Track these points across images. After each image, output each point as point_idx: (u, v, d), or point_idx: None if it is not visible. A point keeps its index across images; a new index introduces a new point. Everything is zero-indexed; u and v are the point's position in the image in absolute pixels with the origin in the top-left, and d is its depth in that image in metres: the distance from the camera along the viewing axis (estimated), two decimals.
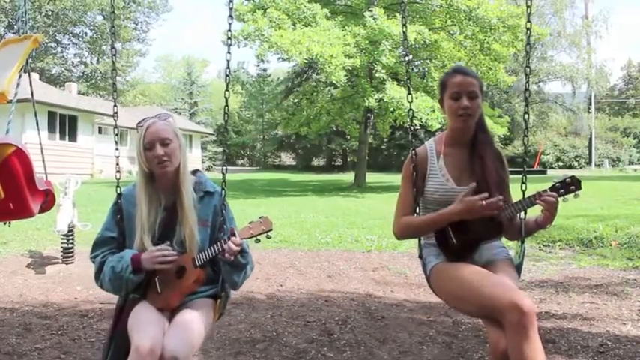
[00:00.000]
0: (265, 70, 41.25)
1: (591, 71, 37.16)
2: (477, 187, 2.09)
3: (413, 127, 2.45)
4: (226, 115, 2.40)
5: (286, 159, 45.20)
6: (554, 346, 3.20)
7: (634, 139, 36.96)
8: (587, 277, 5.04)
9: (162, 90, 53.26)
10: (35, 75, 21.49)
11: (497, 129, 17.64)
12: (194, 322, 2.05)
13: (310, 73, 25.97)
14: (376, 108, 16.88)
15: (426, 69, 18.89)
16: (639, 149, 36.50)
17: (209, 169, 35.01)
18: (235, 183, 20.30)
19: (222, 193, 2.24)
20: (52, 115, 21.24)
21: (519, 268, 2.24)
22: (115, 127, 2.41)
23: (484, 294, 1.92)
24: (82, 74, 40.46)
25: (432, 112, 15.10)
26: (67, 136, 22.64)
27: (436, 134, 2.74)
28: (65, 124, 22.46)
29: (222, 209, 2.21)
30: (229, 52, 2.36)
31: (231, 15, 2.43)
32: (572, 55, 38.54)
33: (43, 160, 3.07)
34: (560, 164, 34.22)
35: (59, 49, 40.38)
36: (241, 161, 45.29)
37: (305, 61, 16.33)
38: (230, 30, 2.42)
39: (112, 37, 2.63)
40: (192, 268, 2.13)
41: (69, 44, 40.83)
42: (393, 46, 15.49)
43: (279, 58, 18.63)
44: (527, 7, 2.39)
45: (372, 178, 22.73)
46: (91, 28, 40.06)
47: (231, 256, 2.06)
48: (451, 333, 3.49)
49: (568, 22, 38.01)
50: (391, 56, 15.65)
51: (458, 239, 2.14)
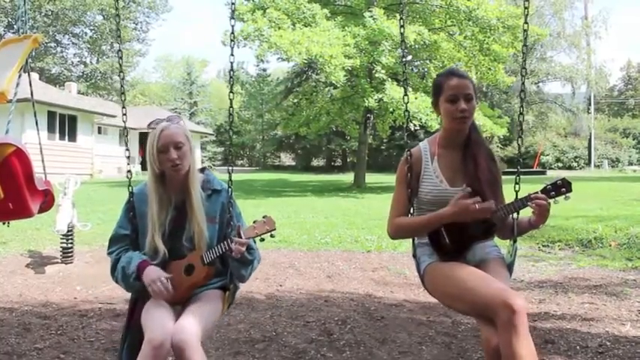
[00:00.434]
0: (265, 70, 41.28)
1: (591, 72, 37.18)
2: (470, 186, 2.13)
3: (411, 128, 2.47)
4: (231, 117, 2.47)
5: (286, 159, 45.16)
6: (553, 347, 3.20)
7: (633, 139, 36.98)
8: (587, 278, 5.04)
9: (161, 90, 53.28)
10: (35, 75, 21.40)
11: (497, 129, 17.61)
12: (203, 311, 2.13)
13: (310, 73, 26.01)
14: (376, 108, 16.87)
15: (426, 69, 18.91)
16: (639, 150, 36.52)
17: (209, 168, 35.03)
18: (235, 183, 19.91)
19: (229, 190, 2.32)
20: (51, 115, 21.24)
21: (511, 267, 2.28)
22: (124, 128, 2.49)
23: (477, 293, 1.97)
24: (81, 74, 40.47)
25: (432, 112, 15.08)
26: (66, 136, 22.63)
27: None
28: (65, 123, 22.45)
29: (229, 206, 2.30)
30: (232, 55, 2.42)
31: (233, 17, 2.47)
32: (571, 56, 38.63)
33: (42, 160, 3.08)
34: (560, 165, 34.22)
35: (59, 48, 40.39)
36: (241, 161, 45.22)
37: (305, 62, 16.34)
38: (233, 32, 2.45)
39: (117, 39, 2.75)
40: (201, 265, 2.21)
41: (68, 44, 40.87)
42: (392, 47, 15.48)
43: (278, 58, 18.66)
44: (525, 9, 2.41)
45: (371, 178, 22.72)
46: (91, 28, 40.07)
47: (239, 255, 2.15)
48: (450, 333, 3.48)
49: (568, 22, 38.09)
50: (391, 56, 15.64)
51: (451, 239, 2.17)
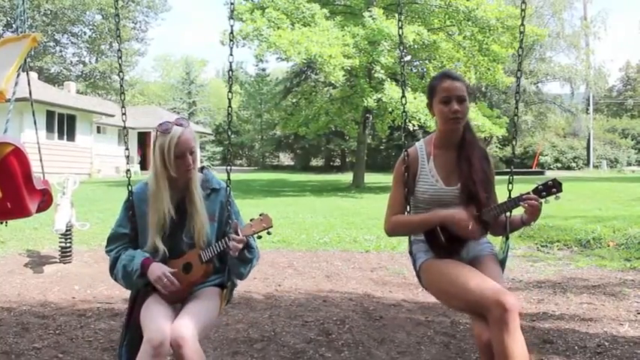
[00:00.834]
0: (264, 70, 41.24)
1: (590, 72, 37.14)
2: (465, 186, 2.24)
3: (409, 128, 2.51)
4: (230, 117, 2.48)
5: (285, 159, 45.12)
6: (551, 347, 3.21)
7: (632, 140, 37.00)
8: (585, 278, 5.05)
9: (160, 89, 53.21)
10: (34, 74, 21.39)
11: (496, 129, 17.60)
12: (200, 309, 2.16)
13: (309, 73, 26.00)
14: (375, 108, 16.86)
15: (425, 69, 18.89)
16: (637, 150, 36.54)
17: (207, 168, 35.02)
18: (234, 183, 19.92)
19: (228, 189, 2.36)
20: (50, 115, 21.20)
21: (503, 263, 2.37)
22: (124, 127, 2.51)
23: (470, 291, 2.04)
24: (80, 73, 40.40)
25: None
26: (65, 136, 22.57)
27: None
28: (63, 123, 22.39)
29: (227, 205, 2.34)
30: (231, 54, 2.43)
31: (232, 17, 2.48)
32: (570, 56, 38.56)
33: (40, 160, 3.07)
34: (559, 165, 34.20)
35: (58, 48, 40.32)
36: (240, 161, 45.15)
37: (304, 61, 16.32)
38: (232, 32, 2.46)
39: (117, 39, 2.72)
40: (199, 264, 2.24)
41: (67, 43, 40.80)
42: (391, 47, 15.46)
43: (277, 58, 18.64)
44: (522, 11, 2.51)
45: (370, 178, 22.71)
46: (90, 27, 39.98)
47: (236, 252, 2.17)
48: (449, 333, 3.49)
49: (567, 23, 37.97)
50: (390, 56, 15.62)
51: (446, 237, 2.25)
